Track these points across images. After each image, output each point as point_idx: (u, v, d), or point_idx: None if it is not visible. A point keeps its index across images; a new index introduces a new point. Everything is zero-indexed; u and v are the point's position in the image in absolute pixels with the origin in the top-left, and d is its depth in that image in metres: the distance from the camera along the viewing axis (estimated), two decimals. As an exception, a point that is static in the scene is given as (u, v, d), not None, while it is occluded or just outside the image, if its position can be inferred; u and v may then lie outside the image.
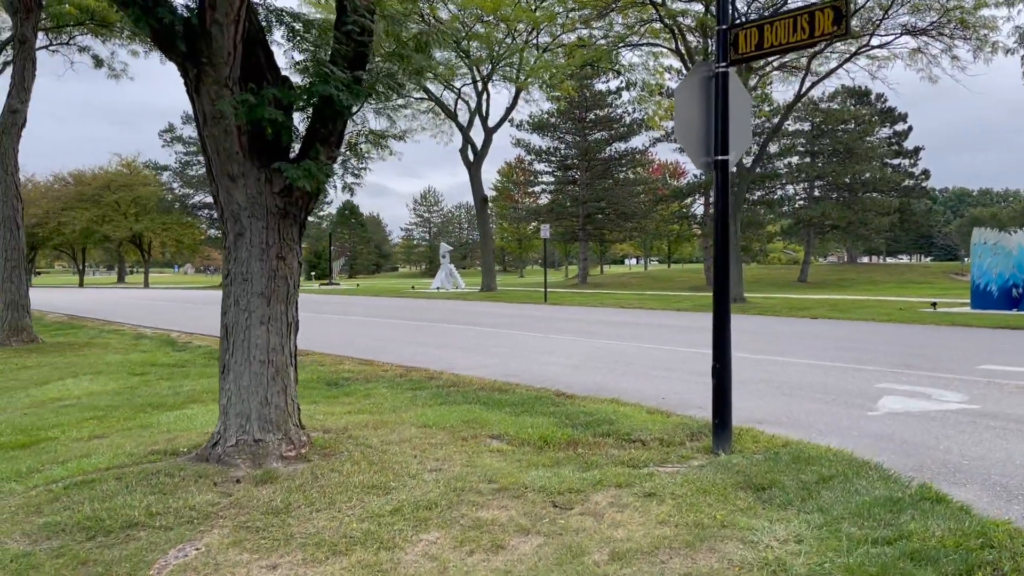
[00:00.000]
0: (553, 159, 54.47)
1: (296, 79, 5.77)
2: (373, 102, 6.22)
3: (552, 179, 57.18)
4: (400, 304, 28.57)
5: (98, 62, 28.04)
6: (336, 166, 5.95)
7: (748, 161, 29.96)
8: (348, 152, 6.31)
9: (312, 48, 5.68)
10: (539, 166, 58.23)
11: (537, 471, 5.32)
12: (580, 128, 51.99)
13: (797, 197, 53.91)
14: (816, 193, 54.35)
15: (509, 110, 37.00)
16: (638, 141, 53.99)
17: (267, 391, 5.67)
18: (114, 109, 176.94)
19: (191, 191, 58.84)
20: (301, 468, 5.49)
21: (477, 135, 37.71)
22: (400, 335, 16.16)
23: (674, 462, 5.75)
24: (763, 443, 6.13)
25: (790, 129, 51.77)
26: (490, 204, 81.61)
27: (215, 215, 60.07)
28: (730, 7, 6.12)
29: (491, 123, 37.30)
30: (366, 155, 6.26)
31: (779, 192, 53.74)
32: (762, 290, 40.62)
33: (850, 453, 5.65)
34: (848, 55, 25.89)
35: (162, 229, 55.20)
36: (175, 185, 58.22)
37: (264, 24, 5.62)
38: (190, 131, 59.12)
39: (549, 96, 41.37)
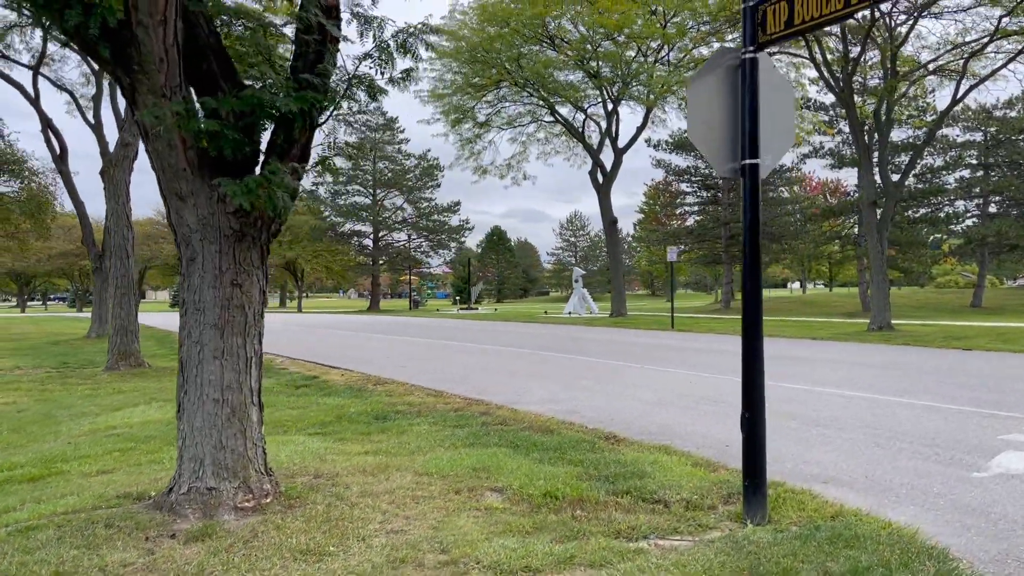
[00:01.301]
0: (695, 179, 52.57)
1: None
2: (344, 109, 5.63)
3: (696, 199, 55.22)
4: (521, 330, 28.04)
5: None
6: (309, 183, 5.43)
7: (895, 176, 27.30)
8: (319, 167, 5.75)
9: (259, 50, 5.16)
10: (682, 186, 56.46)
11: (506, 539, 4.45)
12: (722, 146, 49.82)
13: (968, 214, 48.96)
14: (992, 209, 49.19)
15: (640, 129, 35.86)
16: (787, 157, 51.05)
17: (222, 434, 5.13)
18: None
19: (342, 219, 61.51)
20: (250, 522, 4.89)
21: (607, 157, 36.86)
22: (495, 363, 15.53)
23: (685, 533, 4.71)
24: (809, 511, 4.96)
25: (959, 140, 47.25)
26: (635, 227, 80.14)
27: (365, 242, 62.45)
28: (761, -22, 5.06)
29: (621, 143, 36.35)
30: (339, 170, 5.65)
31: (948, 209, 49.06)
32: (926, 316, 36.92)
33: (913, 532, 4.40)
34: (1014, 54, 23.00)
35: (313, 256, 57.96)
36: (327, 213, 61.03)
37: (222, 28, 5.18)
38: (340, 162, 62.02)
39: (685, 113, 39.91)
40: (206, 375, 5.14)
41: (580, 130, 36.97)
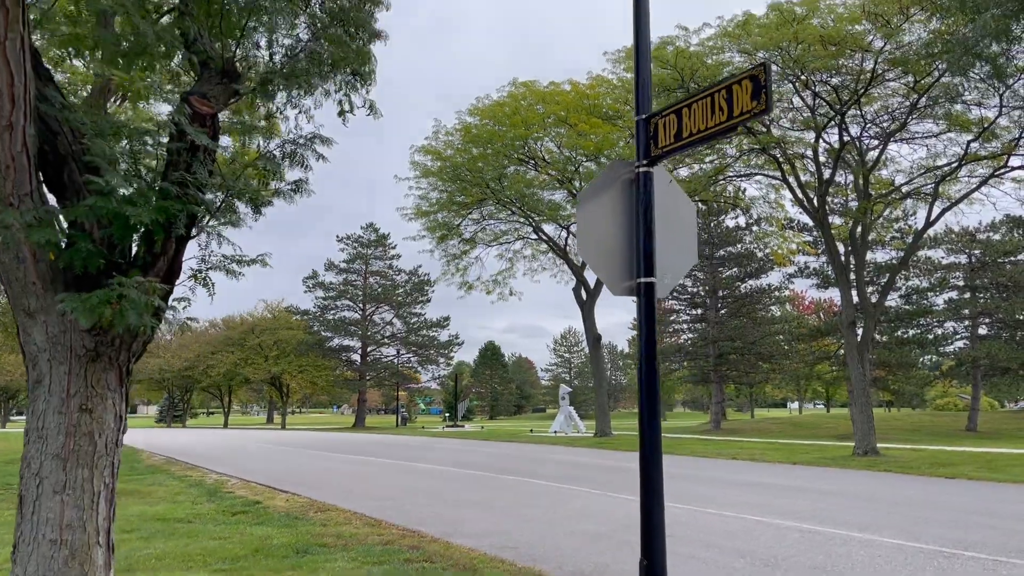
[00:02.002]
0: (683, 296, 52.62)
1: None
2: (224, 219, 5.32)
3: (686, 317, 55.09)
4: (494, 450, 27.15)
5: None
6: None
7: (874, 295, 27.15)
8: (194, 281, 5.39)
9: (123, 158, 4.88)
10: (671, 303, 56.44)
11: None
12: (710, 265, 50.16)
13: (958, 336, 48.66)
14: (982, 331, 48.93)
15: (623, 248, 36.03)
16: (775, 277, 51.26)
17: (56, 580, 4.54)
18: (274, 257, 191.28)
19: (330, 334, 61.18)
20: None
21: (592, 274, 36.83)
22: (449, 488, 14.75)
23: None
24: None
25: (943, 262, 47.55)
26: (630, 344, 79.62)
27: (353, 357, 61.88)
28: (651, 92, 4.85)
29: (605, 262, 36.36)
30: (211, 285, 5.27)
31: (938, 330, 48.81)
32: (919, 440, 36.04)
33: None
34: (984, 178, 23.28)
35: (298, 371, 57.33)
36: (316, 327, 60.76)
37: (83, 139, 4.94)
38: (331, 277, 62.38)
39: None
40: (44, 512, 4.58)
41: (564, 247, 37.18)
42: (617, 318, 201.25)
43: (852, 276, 23.82)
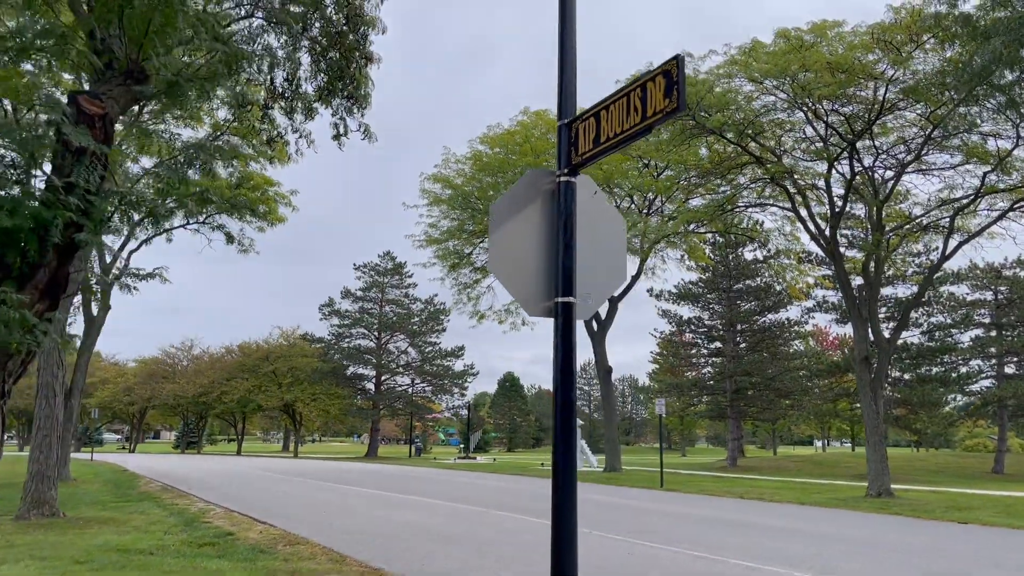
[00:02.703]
0: (700, 329, 51.77)
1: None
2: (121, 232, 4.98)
3: (704, 351, 54.18)
4: (496, 484, 26.50)
5: (229, 239, 29.72)
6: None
7: (887, 330, 26.33)
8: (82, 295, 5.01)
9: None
10: (689, 336, 55.58)
11: None
12: (727, 298, 49.36)
13: (983, 374, 47.25)
14: (1009, 370, 47.51)
15: (635, 279, 35.45)
16: (793, 311, 50.30)
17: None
18: (289, 283, 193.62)
19: (345, 362, 60.86)
20: None
21: (604, 306, 36.30)
22: (431, 523, 14.18)
23: None
24: None
25: (968, 298, 46.38)
26: (650, 377, 78.55)
27: (367, 386, 61.53)
28: (576, 98, 4.43)
29: (616, 293, 35.86)
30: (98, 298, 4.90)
31: (963, 368, 47.45)
32: (941, 482, 34.79)
33: None
34: (1003, 211, 22.54)
35: (311, 399, 56.99)
36: (330, 354, 60.47)
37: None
38: (347, 305, 62.27)
39: (686, 265, 39.70)
40: None
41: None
42: (637, 351, 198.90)
43: (866, 311, 23.09)
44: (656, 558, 10.23)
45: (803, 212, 23.69)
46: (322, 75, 19.37)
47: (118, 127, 25.00)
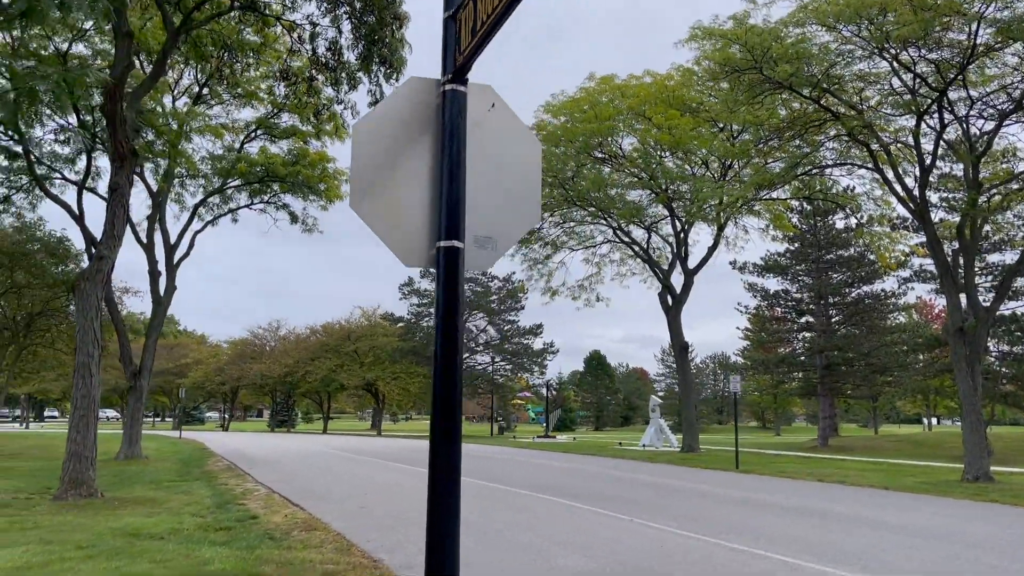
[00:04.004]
0: (787, 303, 49.24)
1: None
2: None
3: (793, 326, 51.58)
4: (569, 465, 25.60)
5: (293, 218, 29.75)
6: None
7: (987, 297, 23.97)
8: None
9: None
10: (778, 311, 53.03)
11: None
12: (817, 269, 46.67)
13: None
14: None
15: (711, 250, 33.73)
16: (890, 282, 47.19)
17: None
18: (369, 264, 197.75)
19: (427, 341, 60.97)
20: None
21: (679, 278, 34.80)
22: (467, 508, 13.40)
23: None
24: None
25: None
26: (741, 354, 75.98)
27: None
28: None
29: (693, 264, 34.24)
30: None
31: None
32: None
33: None
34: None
35: (391, 378, 57.35)
36: (416, 335, 60.69)
37: None
38: (426, 284, 62.23)
39: (770, 235, 37.59)
40: None
41: (647, 250, 35.23)
42: (727, 328, 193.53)
43: (961, 278, 20.98)
44: (688, 552, 9.13)
45: (889, 173, 21.64)
46: (362, 42, 18.74)
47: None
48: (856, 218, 39.48)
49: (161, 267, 26.53)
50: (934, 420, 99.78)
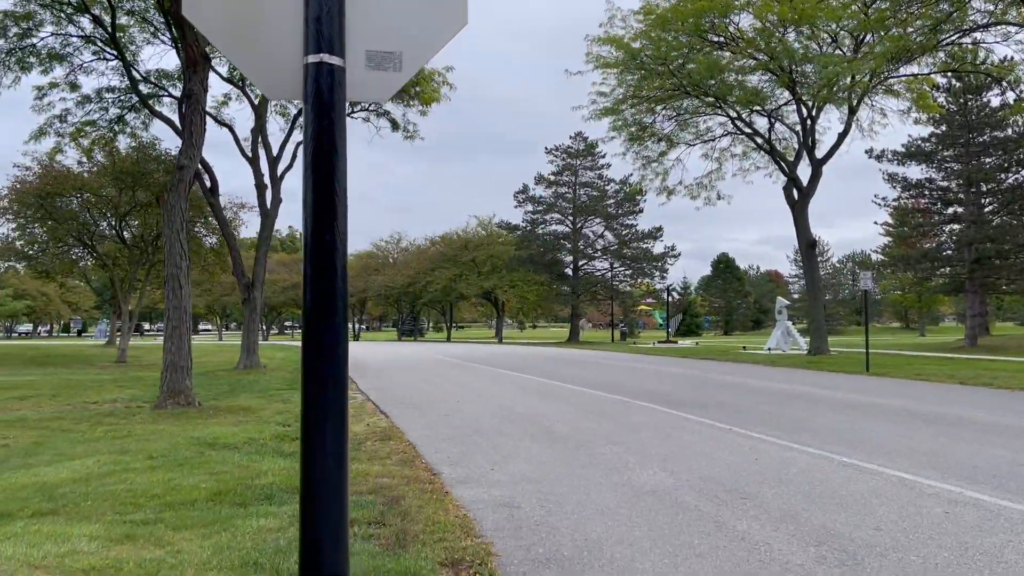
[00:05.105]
0: (933, 193, 44.97)
1: None
2: None
3: (938, 218, 47.28)
4: (677, 370, 24.47)
5: (394, 125, 29.23)
6: None
7: None
8: None
9: None
10: (923, 202, 48.68)
11: None
12: (966, 154, 42.13)
13: None
14: None
15: (842, 137, 30.67)
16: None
17: None
18: (487, 176, 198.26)
19: (543, 248, 60.29)
20: None
21: (805, 170, 32.08)
22: (557, 414, 12.66)
23: None
24: None
25: None
26: (882, 251, 71.09)
27: (564, 271, 60.85)
28: None
29: (821, 154, 31.41)
30: None
31: None
32: None
33: None
34: None
35: (509, 286, 57.21)
36: (532, 242, 60.07)
37: None
38: (541, 191, 61.12)
39: (912, 118, 33.92)
40: None
41: (770, 140, 32.57)
42: (866, 226, 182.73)
43: None
44: (785, 467, 7.99)
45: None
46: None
47: None
48: (1016, 92, 34.99)
49: (267, 180, 26.72)
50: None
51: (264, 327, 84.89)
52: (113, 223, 33.04)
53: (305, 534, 2.24)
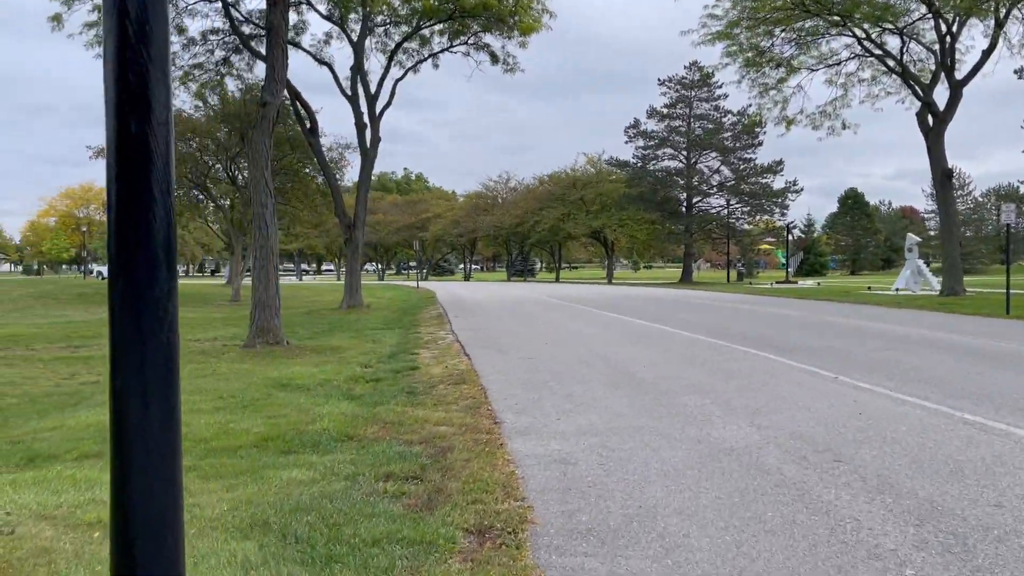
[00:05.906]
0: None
1: None
2: None
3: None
4: (792, 312, 22.92)
5: (494, 58, 28.43)
6: None
7: None
8: None
9: None
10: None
11: None
12: None
13: None
14: None
15: (986, 54, 27.51)
16: None
17: None
18: (600, 113, 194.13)
19: (655, 185, 58.30)
20: None
21: (942, 94, 29.10)
22: (651, 360, 11.83)
23: None
24: None
25: None
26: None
27: (676, 209, 58.78)
28: None
29: (961, 75, 28.31)
30: None
31: None
32: None
33: None
34: None
35: (618, 225, 55.72)
36: (644, 178, 58.14)
37: None
38: (653, 125, 58.81)
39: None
40: None
41: (902, 60, 29.65)
42: (1018, 157, 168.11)
43: None
44: (892, 423, 6.96)
45: None
46: None
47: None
48: None
49: (366, 119, 26.54)
50: None
51: (380, 267, 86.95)
52: (226, 165, 33.94)
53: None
